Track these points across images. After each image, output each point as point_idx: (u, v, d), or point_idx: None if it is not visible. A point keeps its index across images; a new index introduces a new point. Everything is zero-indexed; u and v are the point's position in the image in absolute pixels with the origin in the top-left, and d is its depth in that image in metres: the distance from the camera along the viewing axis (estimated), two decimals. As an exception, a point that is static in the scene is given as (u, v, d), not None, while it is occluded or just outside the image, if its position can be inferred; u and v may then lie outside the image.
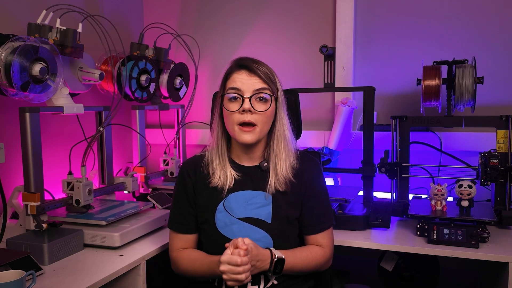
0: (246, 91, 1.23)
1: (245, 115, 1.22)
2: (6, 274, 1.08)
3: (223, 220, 1.27)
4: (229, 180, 1.29)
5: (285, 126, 1.30)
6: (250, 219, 1.26)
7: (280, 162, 1.28)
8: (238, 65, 1.26)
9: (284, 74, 2.20)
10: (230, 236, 1.25)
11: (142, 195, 1.97)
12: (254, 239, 1.23)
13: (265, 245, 1.25)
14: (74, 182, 1.52)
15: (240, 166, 1.32)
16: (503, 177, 1.59)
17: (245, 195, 1.29)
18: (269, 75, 1.26)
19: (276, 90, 1.28)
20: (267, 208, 1.27)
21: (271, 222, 1.26)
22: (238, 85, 1.23)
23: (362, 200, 1.77)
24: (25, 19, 1.54)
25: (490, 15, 1.96)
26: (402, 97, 2.10)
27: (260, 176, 1.30)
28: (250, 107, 1.21)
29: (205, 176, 1.31)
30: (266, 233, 1.26)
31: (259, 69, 1.24)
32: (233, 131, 1.25)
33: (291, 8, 2.25)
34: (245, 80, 1.23)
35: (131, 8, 2.41)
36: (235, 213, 1.27)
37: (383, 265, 1.76)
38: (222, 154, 1.31)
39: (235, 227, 1.26)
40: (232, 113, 1.23)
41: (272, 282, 1.27)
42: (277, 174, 1.28)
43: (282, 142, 1.29)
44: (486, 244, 1.44)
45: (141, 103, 1.99)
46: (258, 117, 1.23)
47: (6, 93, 1.39)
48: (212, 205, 1.29)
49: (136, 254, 1.40)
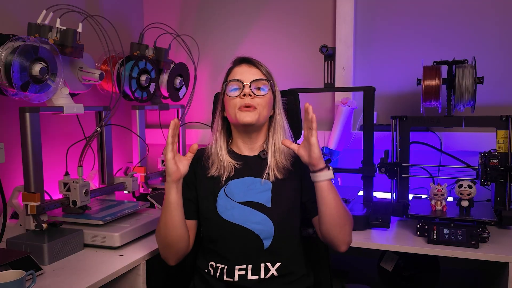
0: (246, 79, 1.31)
1: (245, 99, 1.29)
2: (6, 274, 1.08)
3: (224, 205, 1.30)
4: (228, 169, 1.33)
5: (283, 119, 1.38)
6: (250, 203, 1.29)
7: (279, 151, 1.35)
8: (239, 60, 1.36)
9: (284, 74, 2.21)
10: (231, 220, 1.28)
11: (142, 195, 1.97)
12: (254, 222, 1.27)
13: (265, 229, 1.27)
14: (70, 183, 1.52)
15: (241, 155, 1.37)
16: (503, 177, 1.59)
17: (246, 181, 1.33)
18: (268, 71, 1.35)
19: (274, 87, 1.36)
20: (267, 193, 1.31)
21: (270, 206, 1.29)
22: (238, 76, 1.32)
23: (362, 200, 1.77)
24: (25, 19, 1.53)
25: (490, 15, 1.96)
26: (402, 97, 2.10)
27: (260, 165, 1.35)
28: (250, 91, 1.29)
29: (205, 167, 1.36)
30: (266, 216, 1.28)
31: (258, 63, 1.35)
32: (233, 114, 1.31)
33: (291, 8, 2.25)
34: (245, 72, 1.33)
35: (131, 8, 2.41)
36: (236, 197, 1.31)
37: (383, 265, 1.76)
38: (221, 147, 1.37)
39: (235, 210, 1.29)
40: (233, 98, 1.31)
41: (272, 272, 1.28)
42: (276, 162, 1.34)
43: (281, 133, 1.36)
44: (486, 244, 1.44)
45: (141, 103, 1.99)
46: (258, 101, 1.30)
47: (6, 93, 1.39)
48: (214, 193, 1.32)
49: (136, 254, 1.40)
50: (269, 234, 1.27)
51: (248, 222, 1.27)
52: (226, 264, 1.29)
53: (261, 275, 1.27)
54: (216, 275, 1.30)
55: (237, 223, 1.27)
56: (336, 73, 1.87)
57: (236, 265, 1.28)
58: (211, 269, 1.31)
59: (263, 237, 1.27)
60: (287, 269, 1.30)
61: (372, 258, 1.83)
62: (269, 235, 1.27)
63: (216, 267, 1.30)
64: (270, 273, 1.27)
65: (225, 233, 1.29)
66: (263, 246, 1.27)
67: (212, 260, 1.32)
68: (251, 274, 1.27)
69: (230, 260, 1.29)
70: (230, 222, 1.28)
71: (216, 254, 1.31)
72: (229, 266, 1.28)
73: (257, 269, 1.27)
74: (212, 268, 1.31)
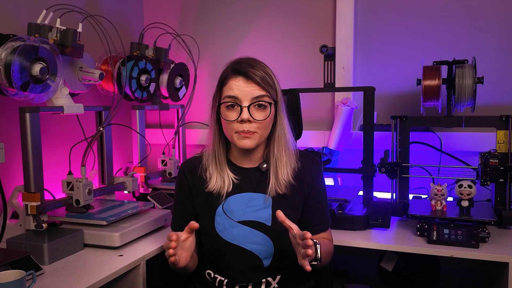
0: (244, 99, 1.19)
1: (244, 125, 1.19)
2: (6, 274, 1.08)
3: (222, 224, 1.26)
4: (227, 185, 1.27)
5: (285, 128, 1.28)
6: (249, 222, 1.25)
7: (281, 165, 1.26)
8: (235, 70, 1.21)
9: (284, 74, 2.21)
10: (230, 240, 1.24)
11: (142, 195, 1.97)
12: (254, 243, 1.24)
13: (265, 249, 1.24)
14: (74, 182, 1.52)
15: (239, 168, 1.31)
16: (503, 177, 1.58)
17: (244, 197, 1.28)
18: (267, 79, 1.21)
19: (275, 93, 1.24)
20: (267, 210, 1.26)
21: (271, 224, 1.25)
22: (235, 93, 1.19)
23: (362, 200, 1.77)
24: (25, 19, 1.53)
25: (490, 15, 1.96)
26: (402, 97, 2.10)
27: (259, 178, 1.29)
28: (249, 117, 1.18)
29: (202, 180, 1.30)
30: (266, 236, 1.25)
31: (256, 74, 1.19)
32: (231, 137, 1.23)
33: (291, 8, 2.25)
34: (242, 88, 1.19)
35: (131, 8, 2.41)
36: (235, 216, 1.26)
37: (383, 265, 1.76)
38: (219, 159, 1.28)
39: (234, 230, 1.25)
40: (231, 122, 1.20)
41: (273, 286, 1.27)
42: (277, 177, 1.26)
43: (282, 146, 1.27)
44: (486, 244, 1.44)
45: (141, 103, 1.99)
46: (257, 125, 1.20)
47: (6, 93, 1.39)
48: (211, 209, 1.28)
49: (136, 254, 1.40)
50: (269, 253, 1.25)
51: (247, 242, 1.24)
52: (226, 278, 1.27)
53: None
54: (215, 283, 1.29)
55: (236, 244, 1.24)
56: (336, 73, 1.87)
57: (237, 283, 1.26)
58: (208, 277, 1.31)
59: (263, 257, 1.25)
60: (288, 279, 1.29)
61: (372, 258, 1.83)
62: (269, 254, 1.25)
63: (214, 277, 1.29)
64: (271, 286, 1.27)
65: (224, 252, 1.26)
66: (263, 265, 1.25)
67: (211, 269, 1.31)
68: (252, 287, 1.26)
69: (230, 277, 1.27)
70: (229, 242, 1.24)
71: (214, 266, 1.30)
72: (229, 281, 1.27)
73: (258, 284, 1.26)
74: (210, 277, 1.30)
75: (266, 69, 1.24)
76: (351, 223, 1.60)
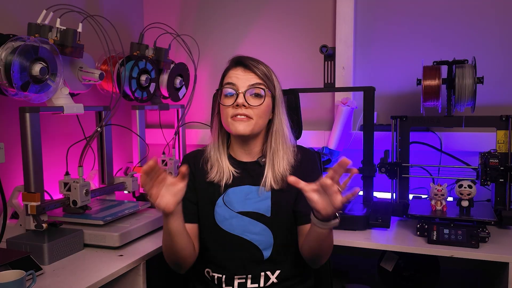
0: (241, 86, 1.25)
1: (239, 109, 1.23)
2: (6, 274, 1.08)
3: (222, 214, 1.27)
4: (226, 176, 1.29)
5: (283, 123, 1.31)
6: (249, 213, 1.27)
7: (278, 159, 1.29)
8: (235, 62, 1.29)
9: (284, 74, 2.20)
10: (229, 230, 1.26)
11: (142, 195, 1.97)
12: (254, 233, 1.25)
13: (265, 239, 1.25)
14: (71, 182, 1.51)
15: (239, 162, 1.33)
16: (503, 177, 1.59)
17: (244, 190, 1.30)
18: (266, 72, 1.28)
19: (273, 87, 1.29)
20: (267, 202, 1.27)
21: (270, 215, 1.26)
22: (233, 80, 1.26)
23: (362, 200, 1.77)
24: (25, 19, 1.53)
25: (490, 15, 1.96)
26: (402, 97, 2.10)
27: (259, 172, 1.31)
28: (244, 102, 1.23)
29: (204, 171, 1.32)
30: (265, 226, 1.26)
31: (255, 66, 1.27)
32: (227, 123, 1.26)
33: (291, 8, 2.25)
34: (241, 76, 1.26)
35: (131, 8, 2.41)
36: (234, 207, 1.28)
37: (383, 265, 1.76)
38: (220, 150, 1.32)
39: (234, 221, 1.26)
40: (227, 107, 1.25)
41: (272, 280, 1.27)
42: (274, 171, 1.28)
43: (280, 139, 1.30)
44: (486, 244, 1.44)
45: (141, 103, 1.98)
46: (252, 111, 1.24)
47: (6, 93, 1.39)
48: (212, 200, 1.29)
49: (136, 254, 1.40)
50: (269, 244, 1.26)
51: (247, 233, 1.25)
52: (224, 274, 1.27)
53: (260, 283, 1.26)
54: (214, 281, 1.29)
55: (235, 234, 1.25)
56: (336, 73, 1.87)
57: (235, 275, 1.27)
58: (207, 276, 1.31)
59: (263, 247, 1.26)
60: (287, 275, 1.29)
61: (372, 258, 1.83)
62: (269, 245, 1.26)
63: (212, 276, 1.29)
64: (270, 281, 1.27)
65: (223, 243, 1.26)
66: (263, 256, 1.26)
67: (208, 267, 1.31)
68: (250, 283, 1.26)
69: (228, 270, 1.27)
70: (229, 233, 1.25)
71: (212, 263, 1.30)
72: (228, 276, 1.27)
73: (257, 278, 1.26)
74: (209, 275, 1.30)
75: (266, 66, 1.30)
76: (351, 223, 1.60)
